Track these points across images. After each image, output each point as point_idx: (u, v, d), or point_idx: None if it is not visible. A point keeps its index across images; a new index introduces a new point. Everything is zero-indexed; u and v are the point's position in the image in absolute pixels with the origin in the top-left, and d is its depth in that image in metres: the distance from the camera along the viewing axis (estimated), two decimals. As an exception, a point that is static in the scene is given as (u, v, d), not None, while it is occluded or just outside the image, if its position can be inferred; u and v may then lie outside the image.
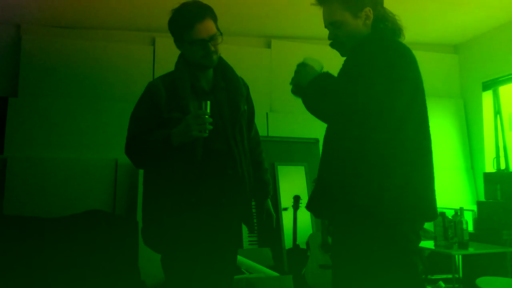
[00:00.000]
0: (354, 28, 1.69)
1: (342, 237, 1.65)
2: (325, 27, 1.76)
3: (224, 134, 1.87)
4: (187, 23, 1.80)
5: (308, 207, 1.76)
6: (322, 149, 1.76)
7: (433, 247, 3.43)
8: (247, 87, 2.09)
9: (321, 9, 1.76)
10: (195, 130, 1.69)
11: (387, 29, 1.71)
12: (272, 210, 2.09)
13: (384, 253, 1.54)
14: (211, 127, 1.72)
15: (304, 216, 4.08)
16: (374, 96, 1.51)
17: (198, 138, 1.76)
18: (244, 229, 3.95)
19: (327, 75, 1.68)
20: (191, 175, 1.80)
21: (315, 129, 4.17)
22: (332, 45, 1.78)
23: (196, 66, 1.88)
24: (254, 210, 4.14)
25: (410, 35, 1.74)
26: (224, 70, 1.98)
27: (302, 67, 1.72)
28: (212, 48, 1.83)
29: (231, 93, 1.96)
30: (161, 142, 1.77)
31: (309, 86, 1.64)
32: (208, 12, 1.83)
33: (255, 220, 2.06)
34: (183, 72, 1.88)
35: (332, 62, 1.89)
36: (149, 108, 1.86)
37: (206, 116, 1.69)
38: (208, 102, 1.71)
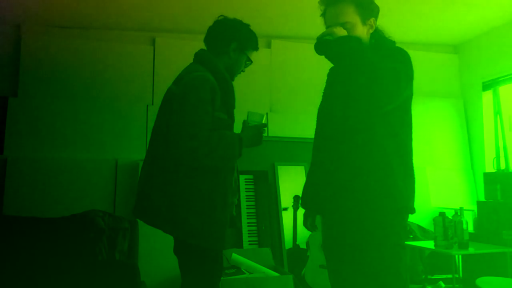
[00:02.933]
0: (361, 34, 1.73)
1: (335, 230, 1.74)
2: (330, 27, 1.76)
3: None
4: (255, 46, 2.10)
5: (302, 204, 1.87)
6: (318, 147, 1.83)
7: (433, 247, 3.43)
8: None
9: (323, 10, 1.79)
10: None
11: (388, 39, 1.79)
12: None
13: (375, 244, 1.61)
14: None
15: (304, 216, 4.08)
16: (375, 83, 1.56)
17: None
18: (244, 229, 3.96)
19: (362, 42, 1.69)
20: (233, 177, 1.95)
21: (315, 129, 4.18)
22: None
23: (229, 74, 2.04)
24: (253, 210, 4.11)
25: (410, 35, 1.76)
26: None
27: (337, 28, 1.70)
28: None
29: None
30: (238, 143, 1.87)
31: (339, 39, 1.64)
32: None
33: (254, 220, 2.18)
34: (227, 77, 1.99)
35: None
36: (210, 105, 1.85)
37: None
38: (266, 114, 1.92)
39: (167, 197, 1.85)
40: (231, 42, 2.01)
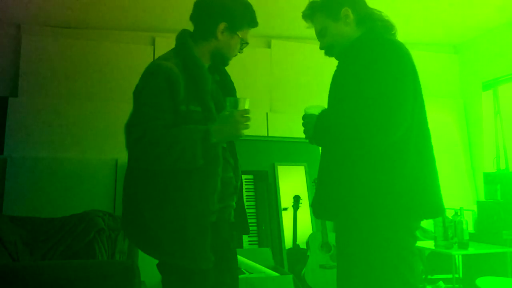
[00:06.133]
0: (337, 31, 1.75)
1: (348, 237, 1.68)
2: (318, 39, 1.84)
3: None
4: (251, 24, 1.82)
5: (313, 211, 1.78)
6: (325, 150, 1.76)
7: (433, 247, 3.43)
8: None
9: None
10: (243, 129, 1.61)
11: (377, 27, 1.74)
12: None
13: (387, 250, 1.57)
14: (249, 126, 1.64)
15: (304, 216, 4.08)
16: (377, 102, 1.54)
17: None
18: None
19: (324, 115, 1.68)
20: (217, 178, 1.66)
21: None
22: (326, 54, 1.84)
23: (218, 58, 1.79)
24: (253, 210, 4.12)
25: (410, 35, 1.75)
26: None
27: (307, 119, 1.71)
28: None
29: (226, 86, 1.88)
30: (201, 139, 1.56)
31: (316, 134, 1.67)
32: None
33: (254, 220, 2.04)
34: (202, 62, 1.72)
35: (331, 62, 1.89)
36: (169, 97, 1.60)
37: (248, 115, 1.63)
38: (248, 100, 1.63)
39: (135, 210, 1.64)
40: (218, 22, 1.72)
